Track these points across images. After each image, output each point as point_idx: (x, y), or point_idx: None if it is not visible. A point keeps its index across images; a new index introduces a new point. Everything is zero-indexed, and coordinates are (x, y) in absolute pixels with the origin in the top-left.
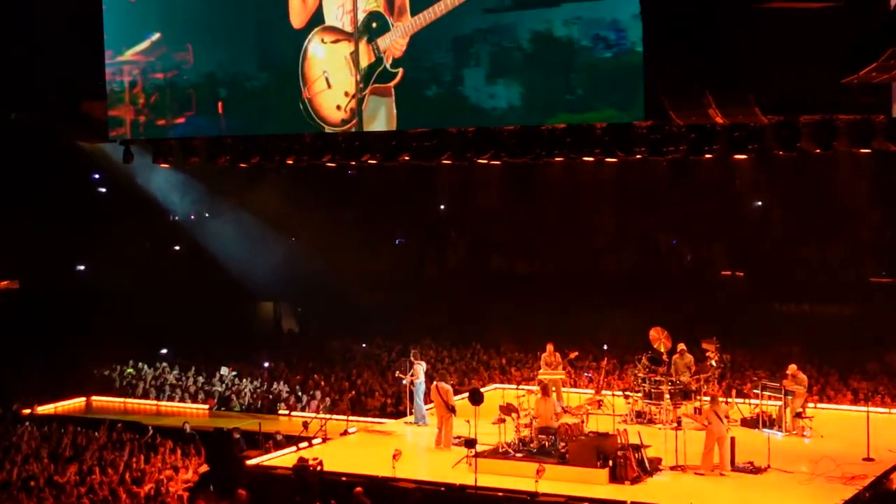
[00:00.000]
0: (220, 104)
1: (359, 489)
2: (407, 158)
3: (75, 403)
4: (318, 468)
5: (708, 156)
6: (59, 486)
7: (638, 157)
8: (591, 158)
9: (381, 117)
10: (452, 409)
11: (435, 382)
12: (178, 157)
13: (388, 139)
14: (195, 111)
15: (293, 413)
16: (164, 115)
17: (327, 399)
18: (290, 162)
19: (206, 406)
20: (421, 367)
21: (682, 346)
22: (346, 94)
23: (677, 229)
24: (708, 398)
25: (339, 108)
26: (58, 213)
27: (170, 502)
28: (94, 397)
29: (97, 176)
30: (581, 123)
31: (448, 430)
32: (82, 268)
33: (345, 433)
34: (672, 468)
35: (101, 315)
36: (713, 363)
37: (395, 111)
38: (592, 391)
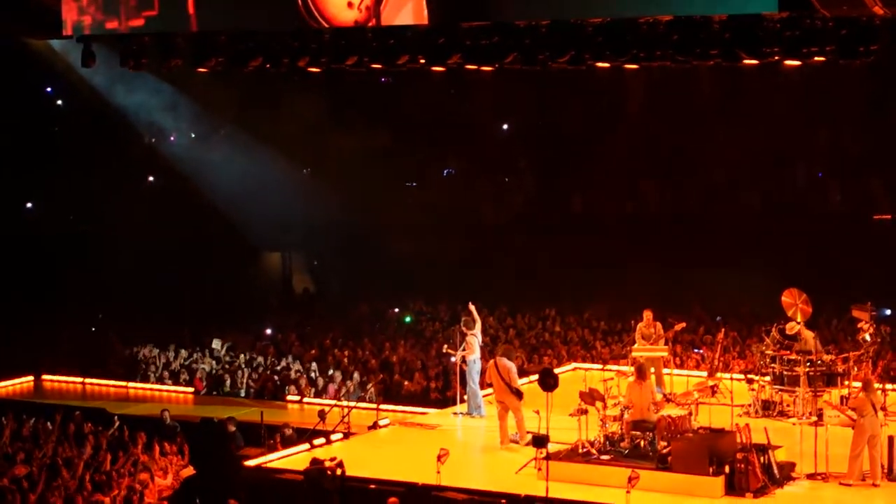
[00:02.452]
0: (190, 1)
1: (393, 500)
2: (458, 61)
3: (21, 383)
4: (339, 472)
5: (863, 59)
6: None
7: (770, 60)
8: (706, 62)
9: (406, 18)
10: (518, 394)
11: (494, 359)
12: (153, 60)
13: (434, 35)
14: (157, 9)
15: (306, 399)
16: (115, 12)
17: (351, 381)
18: (303, 66)
19: (192, 389)
20: (476, 340)
21: (791, 325)
22: None
23: (821, 159)
24: (859, 384)
25: (350, 5)
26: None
27: None
28: (45, 376)
29: (49, 89)
30: (692, 15)
31: (518, 420)
32: (30, 206)
33: (374, 426)
34: (809, 476)
35: (55, 267)
36: (867, 337)
37: (425, 10)
38: (704, 374)
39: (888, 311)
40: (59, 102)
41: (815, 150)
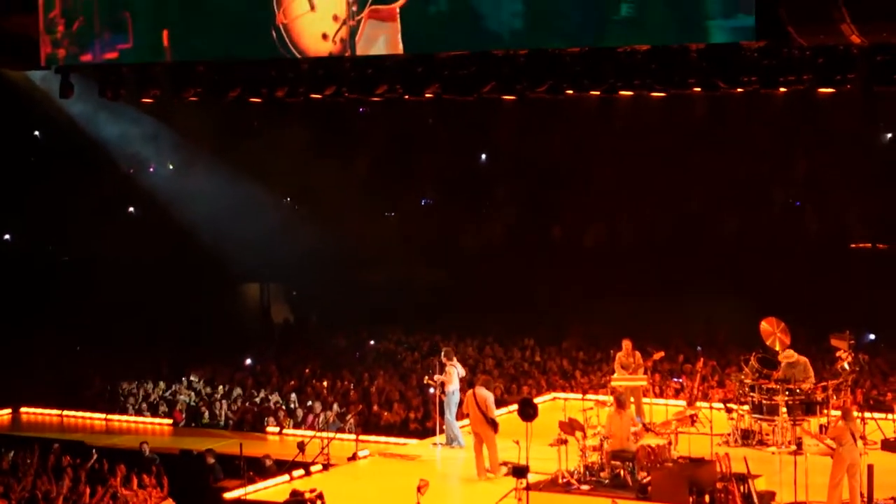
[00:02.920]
0: (165, 33)
1: None
2: (436, 90)
3: (0, 416)
4: None
5: (840, 88)
6: None
7: (746, 89)
8: (684, 91)
9: (380, 50)
10: (493, 424)
11: (472, 389)
12: (132, 90)
13: (412, 65)
14: (132, 42)
15: (285, 431)
16: (89, 46)
17: (331, 412)
18: (281, 96)
19: (171, 421)
20: (455, 371)
21: (789, 352)
22: (336, 18)
23: (799, 187)
24: (838, 412)
25: (325, 37)
26: None
27: None
28: (23, 408)
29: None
30: (670, 45)
31: (491, 452)
32: (7, 237)
33: (353, 458)
34: None
35: (32, 298)
36: (845, 366)
37: (400, 42)
38: (684, 403)
39: (872, 336)
40: (37, 133)
41: (792, 177)
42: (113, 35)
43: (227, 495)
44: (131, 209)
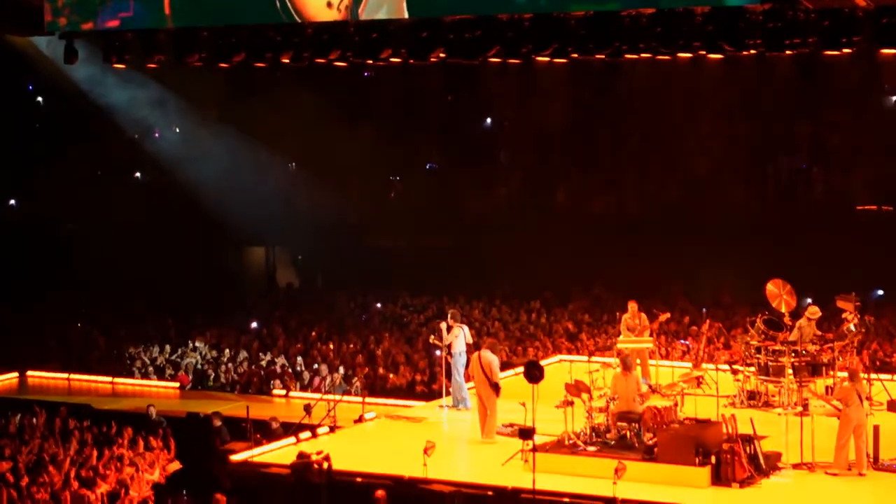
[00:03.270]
0: (166, 1)
1: (380, 493)
2: (442, 55)
3: (5, 380)
4: (325, 466)
5: (846, 50)
6: None
7: (752, 52)
8: (688, 54)
9: (384, 16)
10: (495, 388)
11: (478, 352)
12: (136, 55)
13: (417, 29)
14: (132, 10)
15: (292, 393)
16: (91, 15)
17: (337, 375)
18: (287, 61)
19: (177, 384)
20: (461, 333)
21: (813, 310)
22: None
23: (804, 150)
24: (845, 374)
25: (329, 5)
26: None
27: None
28: (30, 372)
29: (31, 87)
30: (675, 8)
31: (490, 416)
32: (13, 203)
33: (360, 420)
34: (795, 466)
35: (38, 263)
36: (851, 327)
37: (405, 10)
38: (689, 365)
39: (880, 292)
40: (40, 99)
41: (798, 140)
42: (115, 3)
43: (234, 458)
44: (137, 174)
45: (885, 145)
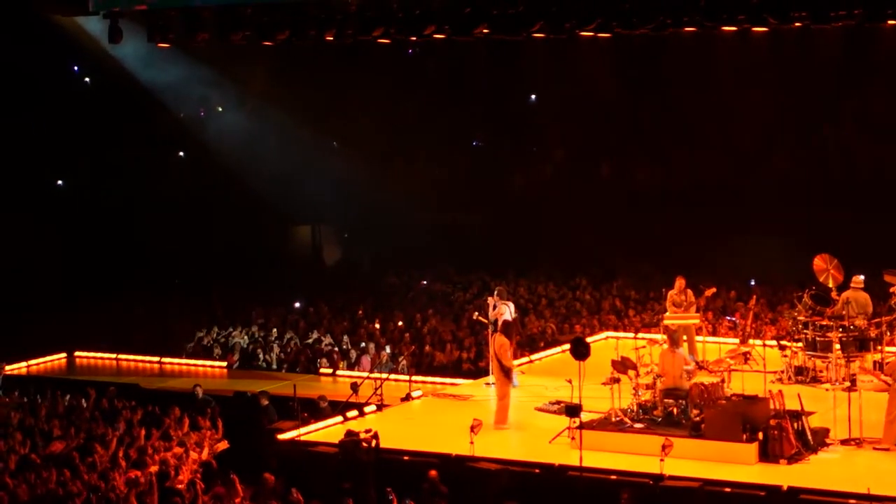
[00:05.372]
0: None
1: (433, 473)
2: (486, 31)
3: (54, 360)
4: (373, 444)
5: (892, 22)
6: (35, 467)
7: (797, 24)
8: (733, 28)
9: None
10: (507, 373)
11: (494, 334)
12: (180, 34)
13: (460, 5)
14: None
15: (338, 372)
16: None
17: (384, 353)
18: (331, 38)
19: (225, 363)
20: (508, 309)
21: (857, 279)
22: None
23: (851, 123)
24: (893, 349)
25: None
26: (30, 113)
27: (179, 489)
28: (77, 353)
29: (76, 67)
30: None
31: (498, 403)
32: (60, 183)
33: (407, 398)
34: (843, 442)
35: (85, 243)
36: None
37: None
38: (737, 340)
39: None
40: (87, 80)
41: (843, 115)
42: None
43: (282, 436)
44: (182, 153)
45: None
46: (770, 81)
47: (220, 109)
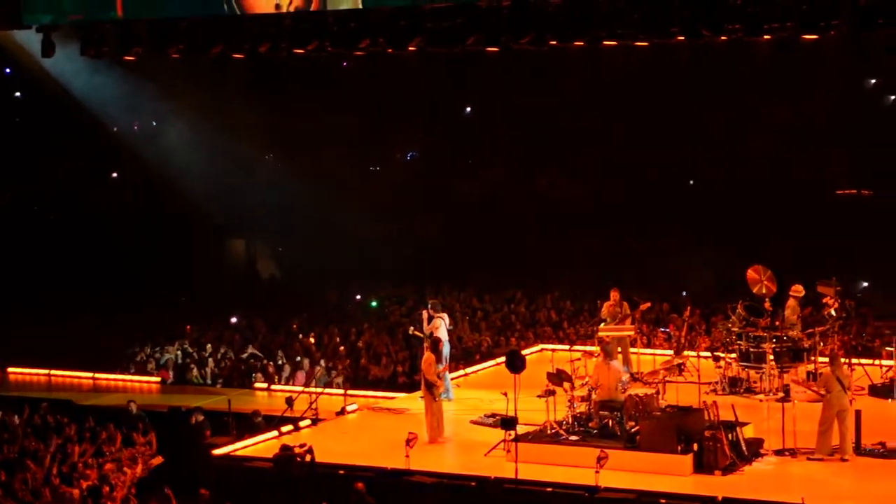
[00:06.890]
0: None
1: (360, 485)
2: (420, 44)
3: None
4: (307, 459)
5: (825, 34)
6: None
7: (730, 37)
8: (668, 40)
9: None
10: (429, 388)
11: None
12: (114, 48)
13: (396, 18)
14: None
15: (273, 387)
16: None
17: (319, 368)
18: (264, 51)
19: (158, 379)
20: (443, 323)
21: (798, 287)
22: None
23: (782, 134)
24: (826, 359)
25: (278, 7)
26: None
27: None
28: (10, 368)
29: (8, 70)
30: None
31: (426, 418)
32: None
33: (342, 412)
34: (777, 452)
35: (17, 257)
36: (832, 313)
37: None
38: (671, 352)
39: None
40: (18, 94)
41: (773, 126)
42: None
43: (217, 452)
44: (115, 168)
45: (865, 128)
46: (702, 92)
47: (155, 123)
